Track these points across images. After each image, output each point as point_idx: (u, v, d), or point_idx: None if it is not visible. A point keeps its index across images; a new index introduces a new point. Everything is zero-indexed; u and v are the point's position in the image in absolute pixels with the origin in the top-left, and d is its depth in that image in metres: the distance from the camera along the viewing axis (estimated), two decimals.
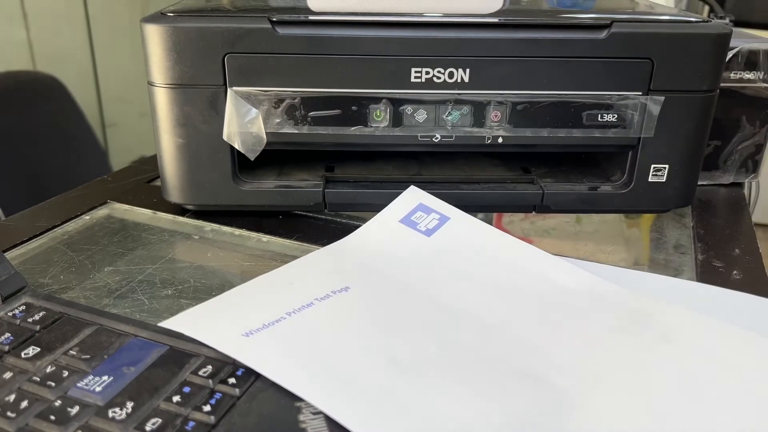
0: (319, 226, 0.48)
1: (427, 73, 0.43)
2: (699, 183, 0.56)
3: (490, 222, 0.50)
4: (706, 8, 0.86)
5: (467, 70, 0.43)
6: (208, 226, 0.48)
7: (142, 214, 0.50)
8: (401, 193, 0.46)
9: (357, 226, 0.44)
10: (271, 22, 0.42)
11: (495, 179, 0.49)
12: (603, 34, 0.43)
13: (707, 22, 0.44)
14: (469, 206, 0.45)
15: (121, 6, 1.63)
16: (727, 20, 0.75)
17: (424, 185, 0.46)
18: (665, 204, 0.48)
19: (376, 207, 0.45)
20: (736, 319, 0.36)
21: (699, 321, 0.36)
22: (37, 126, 1.16)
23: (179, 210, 0.49)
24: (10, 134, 1.10)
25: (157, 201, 0.50)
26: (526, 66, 0.43)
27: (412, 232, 0.43)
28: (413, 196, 0.46)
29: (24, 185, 1.08)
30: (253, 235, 0.47)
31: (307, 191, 0.47)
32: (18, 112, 1.15)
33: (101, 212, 0.50)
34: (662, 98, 0.44)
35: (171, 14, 0.43)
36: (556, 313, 0.36)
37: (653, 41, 0.43)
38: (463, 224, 0.44)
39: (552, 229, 0.51)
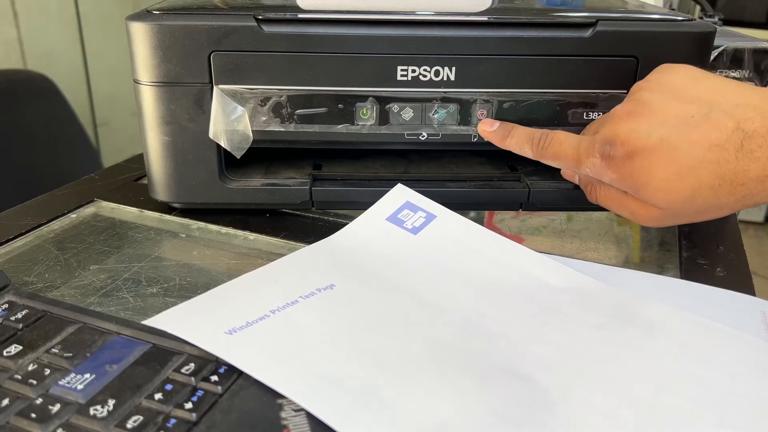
0: (306, 224, 0.48)
1: (413, 71, 0.43)
2: None
3: (481, 220, 0.51)
4: (698, 7, 0.87)
5: (453, 69, 0.43)
6: (195, 224, 0.48)
7: (128, 212, 0.50)
8: (388, 191, 0.46)
9: (344, 224, 0.44)
10: (257, 19, 0.42)
11: (482, 177, 0.49)
12: (588, 33, 0.43)
13: (691, 20, 0.44)
14: (456, 204, 0.45)
15: (112, 4, 1.62)
16: (716, 18, 0.75)
17: (411, 183, 0.46)
18: None
19: (363, 205, 0.45)
20: (719, 316, 0.36)
21: (682, 318, 0.36)
22: (28, 125, 1.16)
23: (166, 208, 0.49)
24: (1, 133, 1.10)
25: (144, 199, 0.50)
26: (511, 64, 0.44)
27: (398, 230, 0.43)
28: (400, 194, 0.46)
29: (15, 184, 1.08)
30: (240, 233, 0.47)
31: (295, 189, 0.47)
32: (9, 111, 1.14)
33: (88, 210, 0.50)
34: None
35: (157, 12, 0.43)
36: (540, 310, 0.37)
37: (638, 40, 0.43)
38: (449, 222, 0.44)
39: (543, 227, 0.51)
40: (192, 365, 0.29)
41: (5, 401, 0.27)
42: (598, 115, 0.45)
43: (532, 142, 0.42)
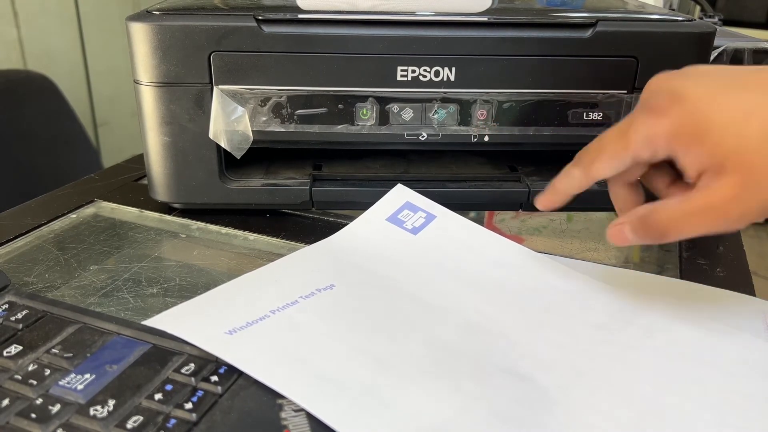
0: (306, 224, 0.48)
1: (413, 71, 0.43)
2: None
3: (481, 220, 0.51)
4: (698, 7, 0.87)
5: (453, 69, 0.43)
6: (195, 224, 0.48)
7: (128, 212, 0.50)
8: (388, 191, 0.46)
9: (344, 225, 0.44)
10: (257, 20, 0.42)
11: (481, 177, 0.49)
12: (588, 33, 0.43)
13: (691, 21, 0.44)
14: (456, 204, 0.45)
15: (112, 4, 1.62)
16: (716, 19, 0.75)
17: (411, 183, 0.46)
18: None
19: (364, 205, 0.45)
20: (719, 316, 0.36)
21: (682, 318, 0.36)
22: (28, 125, 1.16)
23: (166, 208, 0.49)
24: (1, 133, 1.10)
25: (144, 199, 0.50)
26: (511, 64, 0.44)
27: (398, 230, 0.43)
28: (400, 194, 0.46)
29: (15, 185, 1.08)
30: (240, 233, 0.47)
31: (295, 189, 0.47)
32: (9, 111, 1.14)
33: (88, 211, 0.50)
34: None
35: (156, 12, 0.43)
36: (540, 310, 0.37)
37: (638, 40, 0.43)
38: (449, 222, 0.44)
39: (543, 227, 0.51)
40: (192, 365, 0.29)
41: (5, 401, 0.27)
42: (599, 115, 0.45)
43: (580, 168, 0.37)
